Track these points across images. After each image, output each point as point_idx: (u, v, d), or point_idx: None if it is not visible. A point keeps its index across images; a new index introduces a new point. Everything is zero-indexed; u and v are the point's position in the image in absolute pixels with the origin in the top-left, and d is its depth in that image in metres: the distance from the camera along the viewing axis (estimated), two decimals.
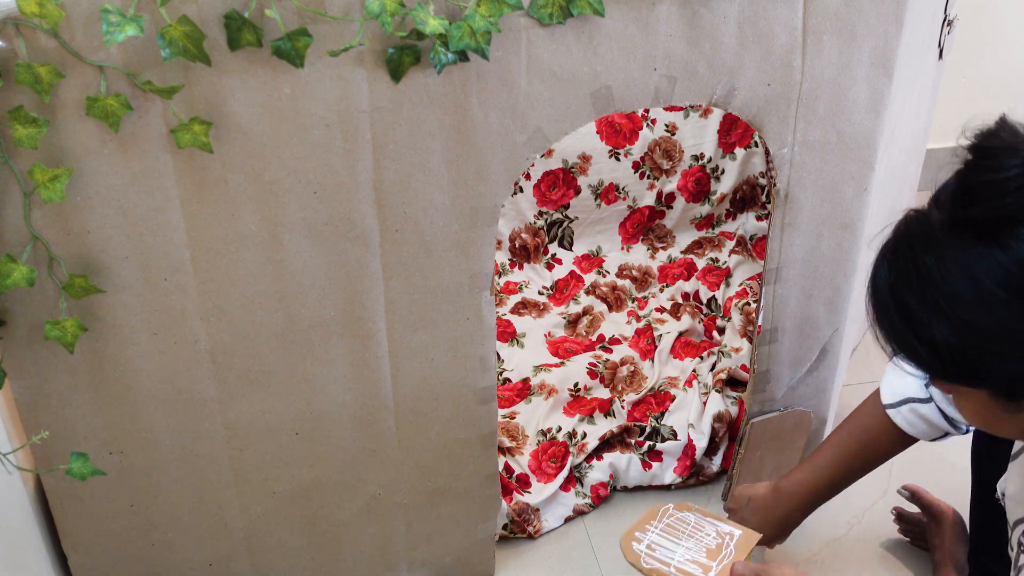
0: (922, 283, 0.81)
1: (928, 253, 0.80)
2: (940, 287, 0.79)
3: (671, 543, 1.31)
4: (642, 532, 1.33)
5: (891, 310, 0.84)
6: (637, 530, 1.34)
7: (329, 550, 1.37)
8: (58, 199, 0.98)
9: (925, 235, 0.82)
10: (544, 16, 1.05)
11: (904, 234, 0.84)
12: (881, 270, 0.85)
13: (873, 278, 0.86)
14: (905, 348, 0.85)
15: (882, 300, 0.85)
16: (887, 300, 0.84)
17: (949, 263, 0.79)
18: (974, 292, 0.78)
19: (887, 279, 0.84)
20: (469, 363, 1.27)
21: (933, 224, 0.81)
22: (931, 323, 0.80)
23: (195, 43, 0.94)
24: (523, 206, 2.15)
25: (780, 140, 1.27)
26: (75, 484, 1.20)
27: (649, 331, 1.97)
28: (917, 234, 0.83)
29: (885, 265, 0.85)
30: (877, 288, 0.85)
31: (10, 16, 0.89)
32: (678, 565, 1.27)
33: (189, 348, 1.14)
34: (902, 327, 0.84)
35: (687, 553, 1.29)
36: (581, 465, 1.67)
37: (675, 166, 2.19)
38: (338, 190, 1.09)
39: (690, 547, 1.30)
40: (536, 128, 1.13)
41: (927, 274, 0.80)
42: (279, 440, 1.25)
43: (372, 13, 0.96)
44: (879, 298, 0.85)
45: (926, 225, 0.82)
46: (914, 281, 0.81)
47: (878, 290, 0.85)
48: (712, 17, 1.14)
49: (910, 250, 0.82)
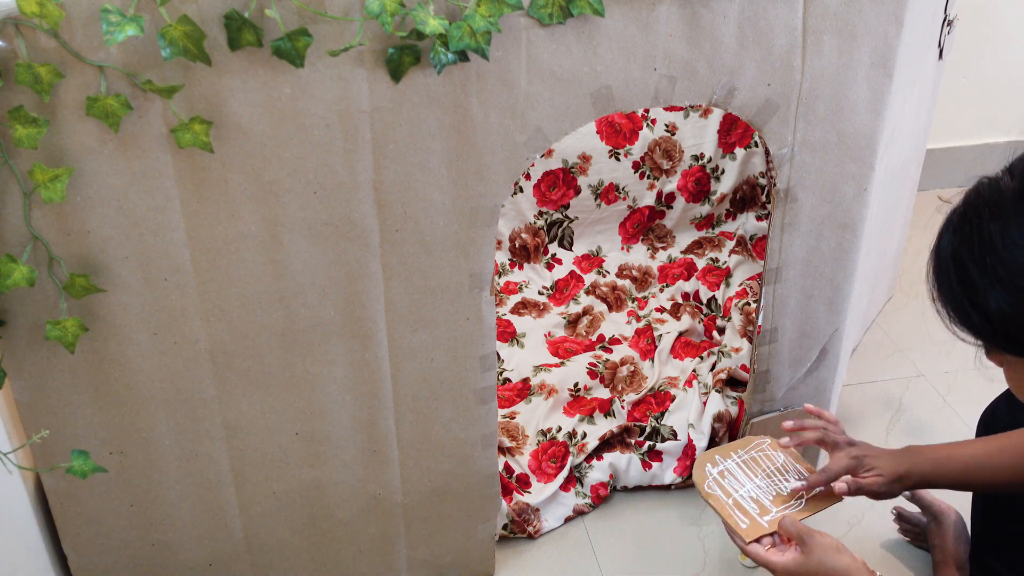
0: (984, 250, 0.80)
1: (994, 220, 0.80)
2: (1001, 254, 0.79)
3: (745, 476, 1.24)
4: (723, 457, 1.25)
5: (951, 275, 0.84)
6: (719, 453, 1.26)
7: (329, 550, 1.37)
8: (58, 199, 0.98)
9: (994, 202, 0.82)
10: (544, 16, 1.05)
11: (973, 200, 0.84)
12: (946, 235, 0.85)
13: (937, 242, 0.86)
14: (960, 314, 0.84)
15: (943, 265, 0.84)
16: (948, 265, 0.84)
17: (1014, 231, 0.79)
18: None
19: (950, 243, 0.84)
20: (469, 363, 1.27)
21: (1003, 192, 0.81)
22: (988, 290, 0.80)
23: (195, 43, 0.94)
24: (523, 206, 2.15)
25: (780, 140, 1.27)
26: (75, 484, 1.19)
27: (649, 331, 1.97)
28: (986, 200, 0.82)
29: (950, 230, 0.84)
30: (940, 252, 0.85)
31: (10, 16, 0.89)
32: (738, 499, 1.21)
33: (189, 348, 1.14)
34: (960, 293, 0.83)
35: (755, 490, 1.22)
36: (581, 465, 1.67)
37: (675, 166, 2.19)
38: (338, 190, 1.09)
39: (761, 485, 1.23)
40: (536, 128, 1.13)
41: (990, 241, 0.80)
42: (279, 440, 1.25)
43: (372, 13, 0.96)
44: (940, 262, 0.85)
45: (996, 192, 0.82)
46: (976, 247, 0.81)
47: (940, 255, 0.85)
48: (712, 17, 1.14)
49: (977, 216, 0.82)
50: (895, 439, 1.78)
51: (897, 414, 1.82)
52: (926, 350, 1.99)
